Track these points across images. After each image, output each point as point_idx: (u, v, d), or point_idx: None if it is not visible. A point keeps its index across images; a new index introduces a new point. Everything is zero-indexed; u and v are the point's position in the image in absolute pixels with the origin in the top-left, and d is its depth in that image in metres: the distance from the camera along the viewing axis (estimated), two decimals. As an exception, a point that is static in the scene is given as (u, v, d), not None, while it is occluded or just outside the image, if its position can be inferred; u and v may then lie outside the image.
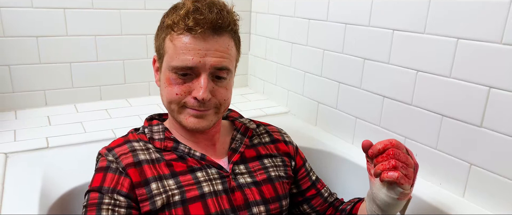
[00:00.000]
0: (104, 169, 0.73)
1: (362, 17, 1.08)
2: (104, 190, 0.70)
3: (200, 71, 0.72)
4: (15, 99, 1.28)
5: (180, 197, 0.72)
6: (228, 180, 0.78)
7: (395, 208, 0.72)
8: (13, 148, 1.01)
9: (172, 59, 0.73)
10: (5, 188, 0.84)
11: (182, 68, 0.72)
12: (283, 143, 0.92)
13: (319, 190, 0.93)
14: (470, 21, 0.83)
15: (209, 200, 0.74)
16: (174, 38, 0.73)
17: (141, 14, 1.42)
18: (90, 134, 1.12)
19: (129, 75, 1.46)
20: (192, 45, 0.71)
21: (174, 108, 0.76)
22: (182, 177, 0.74)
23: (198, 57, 0.71)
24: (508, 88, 0.78)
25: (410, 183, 0.68)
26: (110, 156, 0.74)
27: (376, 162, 0.68)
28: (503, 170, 0.82)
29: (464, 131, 0.88)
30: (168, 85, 0.75)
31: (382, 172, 0.66)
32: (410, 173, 0.68)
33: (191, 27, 0.70)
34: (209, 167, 0.78)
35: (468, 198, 0.89)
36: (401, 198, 0.69)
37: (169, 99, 0.75)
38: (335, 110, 1.24)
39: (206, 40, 0.71)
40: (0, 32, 1.21)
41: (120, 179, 0.71)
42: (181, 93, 0.74)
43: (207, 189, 0.75)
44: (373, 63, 1.07)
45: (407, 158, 0.68)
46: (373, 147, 0.68)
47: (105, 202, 0.69)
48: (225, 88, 0.76)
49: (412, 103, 0.98)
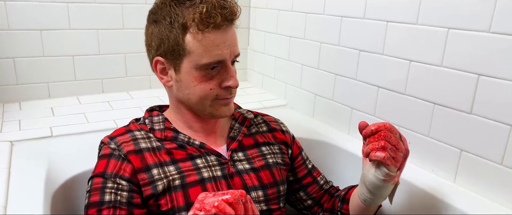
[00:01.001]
0: (107, 156, 0.76)
1: (357, 10, 1.11)
2: (107, 175, 0.73)
3: (226, 62, 0.76)
4: (19, 91, 1.32)
5: (180, 181, 0.75)
6: (227, 166, 0.81)
7: (382, 191, 0.74)
8: (18, 136, 1.04)
9: (201, 57, 0.73)
10: (11, 173, 0.87)
11: (214, 63, 0.74)
12: (280, 132, 0.94)
13: (315, 177, 0.96)
14: (460, 11, 0.86)
15: (208, 185, 0.77)
16: (198, 36, 0.72)
17: (143, 8, 1.44)
18: (92, 124, 1.15)
19: (131, 68, 1.49)
20: (220, 40, 0.73)
21: (206, 103, 0.78)
22: (182, 163, 0.77)
23: (226, 49, 0.75)
24: (496, 75, 0.81)
25: (397, 166, 0.71)
26: (112, 144, 0.77)
27: (368, 142, 0.72)
28: (492, 155, 0.85)
29: (454, 118, 0.91)
30: (199, 83, 0.75)
31: (371, 151, 0.70)
32: (399, 157, 0.71)
33: (219, 23, 0.72)
34: (208, 154, 0.81)
35: (459, 183, 0.92)
36: (387, 179, 0.71)
37: (205, 96, 0.76)
38: (331, 101, 1.27)
39: (227, 31, 0.75)
40: (5, 25, 1.24)
41: (123, 165, 0.74)
42: (214, 87, 0.76)
43: (206, 174, 0.78)
44: (368, 54, 1.10)
45: (398, 142, 0.71)
46: (367, 127, 0.72)
47: (109, 186, 0.72)
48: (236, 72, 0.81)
49: (405, 93, 1.01)
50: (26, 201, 0.77)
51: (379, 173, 0.71)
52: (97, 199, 0.71)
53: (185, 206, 0.73)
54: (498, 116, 0.82)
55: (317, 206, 0.95)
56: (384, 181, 0.72)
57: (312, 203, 0.95)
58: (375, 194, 0.76)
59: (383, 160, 0.69)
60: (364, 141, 0.74)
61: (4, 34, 1.25)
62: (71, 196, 0.91)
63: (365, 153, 0.72)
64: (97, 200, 0.71)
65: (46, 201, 0.79)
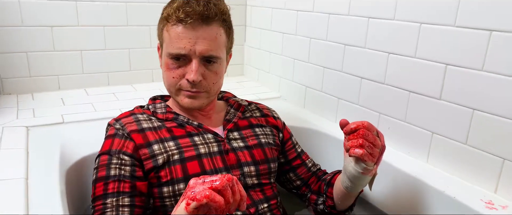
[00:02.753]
0: (113, 136, 0.86)
1: (343, 7, 1.21)
2: (112, 152, 0.83)
3: (192, 57, 0.83)
4: (31, 83, 1.42)
5: (179, 156, 0.84)
6: (223, 143, 0.90)
7: (361, 181, 0.82)
8: (33, 122, 1.14)
9: (168, 47, 0.84)
10: (29, 153, 0.97)
11: (177, 55, 0.83)
12: (272, 117, 1.04)
13: (303, 160, 1.05)
14: (430, 8, 0.96)
15: (205, 160, 0.86)
16: (169, 28, 0.84)
17: (145, 6, 1.54)
18: (100, 112, 1.25)
19: (134, 63, 1.59)
20: (183, 34, 0.82)
21: (172, 90, 0.88)
22: (181, 140, 0.87)
23: (189, 45, 0.82)
24: (461, 65, 0.91)
25: (374, 161, 0.78)
26: (117, 125, 0.87)
27: (348, 139, 0.79)
28: (458, 136, 0.94)
29: (426, 104, 1.00)
30: (166, 70, 0.86)
31: (350, 148, 0.77)
32: (375, 153, 0.78)
33: (182, 19, 0.81)
34: (205, 132, 0.90)
35: (431, 162, 1.02)
36: (365, 173, 0.79)
37: (168, 82, 0.87)
38: (320, 93, 1.36)
39: (196, 29, 0.82)
40: (19, 22, 1.34)
41: (126, 142, 0.84)
42: (176, 76, 0.85)
43: (203, 150, 0.87)
44: (352, 48, 1.20)
45: (375, 139, 0.78)
46: (348, 126, 0.79)
47: (113, 162, 0.82)
48: (215, 73, 0.87)
49: (385, 82, 1.11)
50: (45, 176, 0.87)
51: (358, 167, 0.79)
52: (104, 174, 0.81)
53: (183, 178, 0.82)
54: (463, 101, 0.92)
55: (305, 187, 1.04)
56: (362, 173, 0.79)
57: (301, 183, 1.04)
58: (355, 183, 0.83)
59: (360, 156, 0.75)
60: (346, 137, 0.80)
61: (18, 30, 1.35)
62: (83, 173, 1.00)
63: (346, 148, 0.79)
64: (103, 175, 0.81)
65: (61, 176, 0.89)
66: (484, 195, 0.88)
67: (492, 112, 0.87)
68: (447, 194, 0.89)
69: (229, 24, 0.90)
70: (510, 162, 0.85)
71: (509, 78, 0.83)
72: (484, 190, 0.90)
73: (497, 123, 0.86)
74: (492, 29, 0.84)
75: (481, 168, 0.90)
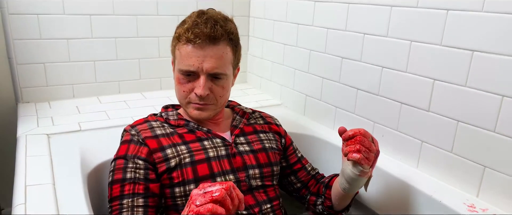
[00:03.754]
0: (128, 142, 0.95)
1: (340, 23, 1.29)
2: (128, 156, 0.91)
3: (200, 73, 0.93)
4: (48, 91, 1.50)
5: (190, 159, 0.93)
6: (230, 147, 0.99)
7: (358, 183, 0.92)
8: (53, 130, 1.22)
9: (179, 63, 0.94)
10: (53, 160, 1.05)
11: (186, 72, 0.93)
12: (275, 125, 1.13)
13: (303, 164, 1.14)
14: (419, 28, 1.04)
15: (213, 163, 0.94)
16: (180, 47, 0.93)
17: (154, 19, 1.63)
18: (113, 120, 1.34)
19: (144, 72, 1.67)
20: (193, 53, 0.91)
21: (183, 101, 0.98)
22: (191, 144, 0.96)
23: (198, 63, 0.91)
24: (447, 80, 1.00)
25: (369, 164, 0.88)
26: (133, 131, 0.96)
27: (346, 145, 0.88)
28: (444, 145, 1.03)
29: (416, 115, 1.09)
30: (178, 84, 0.96)
31: (349, 152, 0.86)
32: (371, 157, 0.87)
33: (191, 39, 0.90)
34: (214, 137, 0.99)
35: (421, 169, 1.11)
36: (362, 175, 0.88)
37: (179, 95, 0.97)
38: (319, 101, 1.45)
39: (204, 48, 0.90)
40: (38, 35, 1.43)
41: (140, 148, 0.93)
42: (186, 90, 0.95)
43: (212, 154, 0.95)
44: (349, 61, 1.29)
45: (371, 145, 0.87)
46: (346, 133, 0.88)
47: (129, 166, 0.90)
48: (221, 87, 0.96)
49: (379, 94, 1.20)
50: (69, 180, 0.95)
51: (355, 170, 0.88)
52: (120, 176, 0.89)
53: (193, 179, 0.91)
54: (449, 113, 1.01)
55: (304, 189, 1.12)
56: (359, 175, 0.88)
57: (301, 186, 1.12)
58: (352, 184, 0.92)
59: (358, 160, 0.84)
60: (344, 142, 0.90)
61: (37, 43, 1.43)
62: (101, 178, 1.09)
63: (344, 153, 0.88)
64: (120, 177, 0.89)
65: (84, 180, 0.98)
66: (467, 199, 0.97)
67: (474, 124, 0.96)
68: (434, 197, 0.98)
69: (236, 42, 0.98)
70: (490, 170, 0.94)
71: (489, 94, 0.92)
72: (467, 194, 0.99)
73: (479, 134, 0.95)
74: (474, 49, 0.93)
75: (465, 174, 0.99)
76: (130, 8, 1.57)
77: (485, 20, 0.90)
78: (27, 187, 0.89)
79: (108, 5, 1.52)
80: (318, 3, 1.38)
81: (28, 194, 0.86)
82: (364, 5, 1.20)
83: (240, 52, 1.02)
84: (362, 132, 0.86)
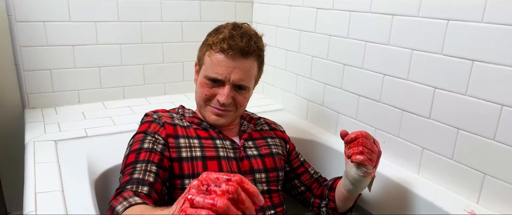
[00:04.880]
0: (150, 122, 0.99)
1: (342, 31, 1.32)
2: (148, 132, 0.96)
3: (226, 83, 0.96)
4: (54, 97, 1.52)
5: (201, 153, 0.96)
6: (238, 151, 1.02)
7: (362, 184, 0.94)
8: (60, 136, 1.24)
9: (207, 69, 0.97)
10: (61, 166, 1.07)
11: (214, 79, 0.96)
12: (279, 131, 1.17)
13: (306, 168, 1.17)
14: (420, 37, 1.06)
15: (223, 162, 0.98)
16: (211, 54, 0.97)
17: (158, 25, 1.65)
18: (119, 126, 1.36)
19: (148, 77, 1.69)
20: (223, 63, 0.94)
21: (201, 103, 1.01)
22: (204, 140, 0.99)
23: (226, 72, 0.95)
24: (448, 89, 1.02)
25: (373, 165, 0.90)
26: (155, 115, 1.02)
27: (349, 147, 0.90)
28: (445, 152, 1.05)
29: (417, 122, 1.11)
30: (201, 87, 0.99)
31: (352, 155, 0.88)
32: (374, 158, 0.90)
33: (225, 49, 0.93)
34: (225, 139, 1.02)
35: (422, 175, 1.13)
36: (365, 175, 0.91)
37: (200, 97, 1.00)
38: (321, 107, 1.47)
39: (234, 60, 0.94)
40: (44, 41, 1.45)
41: (161, 128, 0.97)
42: (208, 94, 0.98)
43: (222, 153, 0.99)
44: (351, 68, 1.31)
45: (373, 146, 0.90)
46: (348, 135, 0.91)
47: (148, 138, 0.94)
48: (243, 97, 1.00)
49: (380, 101, 1.22)
50: (78, 187, 0.98)
51: (359, 171, 0.90)
52: (138, 146, 0.92)
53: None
54: (449, 121, 1.03)
55: (308, 192, 1.15)
56: (364, 176, 0.91)
57: (305, 189, 1.15)
58: (356, 185, 0.95)
59: (361, 162, 0.87)
60: (346, 145, 0.92)
61: (43, 50, 1.45)
62: (109, 183, 1.11)
63: (347, 155, 0.90)
64: (137, 147, 0.92)
65: (91, 186, 1.00)
66: (468, 205, 0.99)
67: (474, 132, 0.98)
68: (435, 203, 1.00)
69: (262, 59, 1.04)
70: (490, 177, 0.96)
71: (488, 103, 0.94)
72: (468, 201, 1.01)
73: (479, 142, 0.97)
74: (474, 59, 0.95)
75: (465, 181, 1.01)
76: (135, 14, 1.59)
77: (485, 30, 0.92)
78: (37, 194, 0.91)
79: (113, 12, 1.54)
80: (320, 10, 1.40)
81: (38, 202, 0.88)
82: (366, 13, 1.22)
83: (263, 68, 1.07)
84: (363, 134, 0.89)
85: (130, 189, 0.82)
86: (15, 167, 1.46)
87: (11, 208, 1.53)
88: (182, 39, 1.72)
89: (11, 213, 1.53)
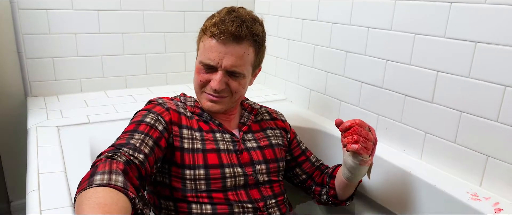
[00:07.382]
0: (155, 104, 0.97)
1: (345, 18, 1.32)
2: (152, 111, 0.94)
3: (218, 68, 0.94)
4: (57, 86, 1.53)
5: (201, 146, 0.95)
6: (238, 143, 1.01)
7: (359, 172, 0.94)
8: (62, 122, 1.25)
9: (201, 55, 0.96)
10: (64, 150, 1.07)
11: (206, 65, 0.95)
12: (280, 121, 1.16)
13: (308, 156, 1.17)
14: (423, 20, 1.06)
15: (223, 154, 0.97)
16: (204, 40, 0.95)
17: (161, 15, 1.65)
18: (121, 113, 1.36)
19: (150, 67, 1.70)
20: (215, 48, 0.92)
21: (197, 90, 1.00)
22: (205, 133, 0.98)
23: (218, 58, 0.93)
24: (451, 72, 1.02)
25: (368, 153, 0.90)
26: (159, 100, 1.00)
27: (344, 136, 0.90)
28: (448, 135, 1.05)
29: (420, 107, 1.11)
30: (196, 73, 0.99)
31: (347, 144, 0.88)
32: (369, 146, 0.89)
33: (216, 34, 0.91)
34: (224, 132, 1.01)
35: (424, 159, 1.13)
36: (362, 164, 0.91)
37: (196, 83, 0.99)
38: (323, 95, 1.47)
39: (226, 45, 0.92)
40: (46, 30, 1.45)
41: (165, 112, 0.95)
42: (203, 80, 0.97)
43: (222, 146, 0.98)
44: (353, 55, 1.31)
45: (368, 134, 0.89)
46: (342, 124, 0.90)
47: (151, 115, 0.92)
48: (238, 83, 0.97)
49: (383, 87, 1.22)
50: (80, 169, 0.97)
51: (356, 160, 0.90)
52: (139, 119, 0.90)
53: (203, 165, 0.93)
54: (452, 104, 1.03)
55: (309, 180, 1.15)
56: (360, 164, 0.91)
57: (306, 177, 1.15)
58: (354, 173, 0.95)
59: (356, 150, 0.87)
60: (342, 133, 0.91)
61: (45, 38, 1.46)
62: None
63: (343, 144, 0.90)
64: (138, 120, 0.90)
65: (94, 170, 1.00)
66: (470, 188, 0.99)
67: (477, 114, 0.97)
68: (438, 187, 0.99)
69: (260, 44, 0.98)
70: (493, 159, 0.96)
71: (492, 84, 0.93)
72: (471, 184, 1.01)
73: (482, 124, 0.97)
74: (477, 41, 0.95)
75: (468, 164, 1.01)
76: (137, 4, 1.59)
77: (488, 12, 0.92)
78: (40, 174, 0.91)
79: (115, 1, 1.54)
80: (322, -2, 1.40)
81: (41, 181, 0.88)
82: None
83: (264, 53, 1.03)
84: (358, 122, 0.88)
85: (126, 151, 0.79)
86: (17, 156, 1.47)
87: (13, 197, 1.53)
88: (185, 29, 1.72)
89: (13, 201, 1.53)
